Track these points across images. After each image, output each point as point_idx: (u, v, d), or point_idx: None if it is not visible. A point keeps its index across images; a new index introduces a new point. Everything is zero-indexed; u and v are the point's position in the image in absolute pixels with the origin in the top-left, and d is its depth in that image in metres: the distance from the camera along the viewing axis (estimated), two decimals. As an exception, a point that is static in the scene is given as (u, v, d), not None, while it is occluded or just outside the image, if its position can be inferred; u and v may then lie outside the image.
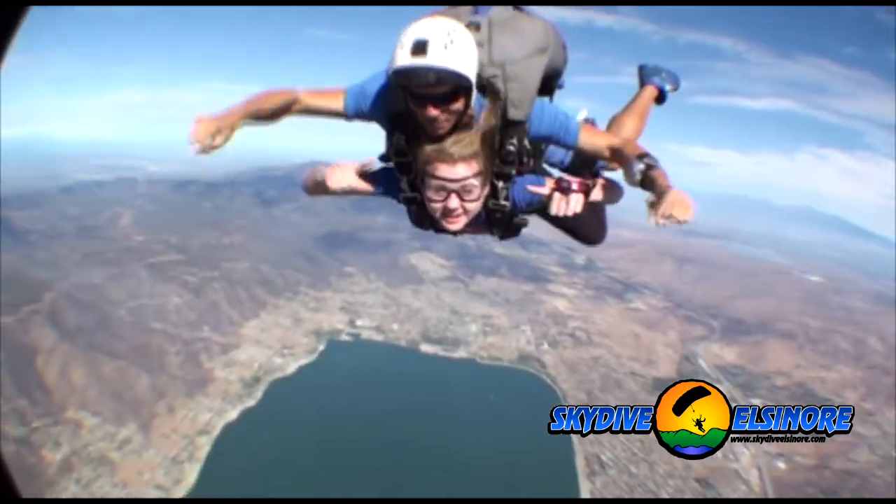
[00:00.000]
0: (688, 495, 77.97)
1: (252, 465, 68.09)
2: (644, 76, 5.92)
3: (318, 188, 4.72)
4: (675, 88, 5.95)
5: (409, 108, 3.89)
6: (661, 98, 5.89)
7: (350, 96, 4.25)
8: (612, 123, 5.48)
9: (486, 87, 4.02)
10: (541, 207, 4.55)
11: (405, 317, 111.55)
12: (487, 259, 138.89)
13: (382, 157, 4.49)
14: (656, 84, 5.85)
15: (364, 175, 4.60)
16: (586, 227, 5.40)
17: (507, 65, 4.02)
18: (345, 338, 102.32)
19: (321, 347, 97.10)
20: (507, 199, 4.37)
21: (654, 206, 3.73)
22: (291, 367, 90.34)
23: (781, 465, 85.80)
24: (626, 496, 75.94)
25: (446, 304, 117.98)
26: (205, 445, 71.35)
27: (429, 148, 3.95)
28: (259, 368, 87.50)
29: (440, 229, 4.65)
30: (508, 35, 4.14)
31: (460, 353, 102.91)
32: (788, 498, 76.58)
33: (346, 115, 4.29)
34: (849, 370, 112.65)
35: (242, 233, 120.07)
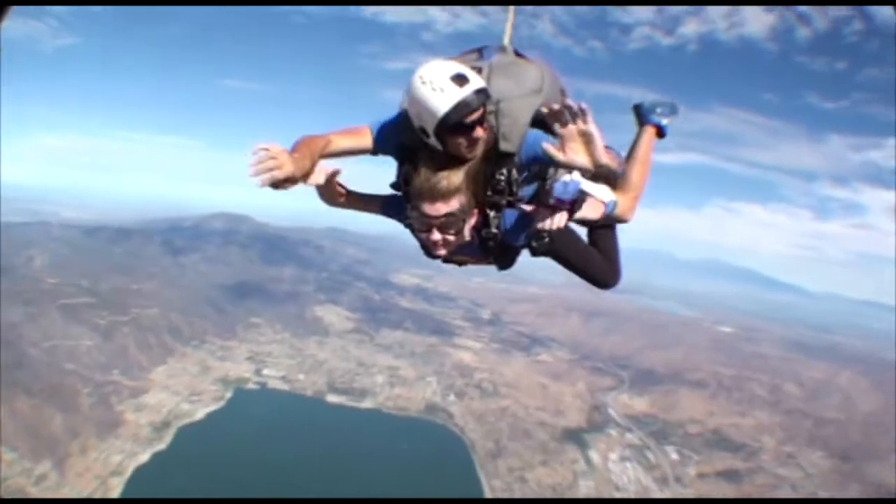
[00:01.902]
0: None
1: None
2: (641, 116, 5.97)
3: (329, 199, 5.04)
4: (675, 116, 6.01)
5: (439, 140, 4.30)
6: (661, 134, 5.94)
7: (376, 133, 4.61)
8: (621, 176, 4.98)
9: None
10: (536, 237, 4.97)
11: (311, 367, 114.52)
12: (392, 312, 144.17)
13: (393, 186, 4.93)
14: (654, 123, 5.90)
15: (375, 198, 5.12)
16: (596, 267, 5.74)
17: (502, 102, 4.40)
18: (251, 386, 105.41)
19: (228, 395, 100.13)
20: (497, 227, 4.72)
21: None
22: (200, 414, 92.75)
23: None
24: None
25: (352, 356, 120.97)
26: (117, 486, 73.09)
27: (417, 183, 4.35)
28: (168, 413, 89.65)
29: (447, 260, 5.11)
30: (505, 77, 4.61)
31: (367, 404, 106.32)
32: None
33: (373, 150, 4.65)
34: (765, 415, 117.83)
35: (152, 280, 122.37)
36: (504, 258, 5.19)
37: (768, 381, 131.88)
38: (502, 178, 4.53)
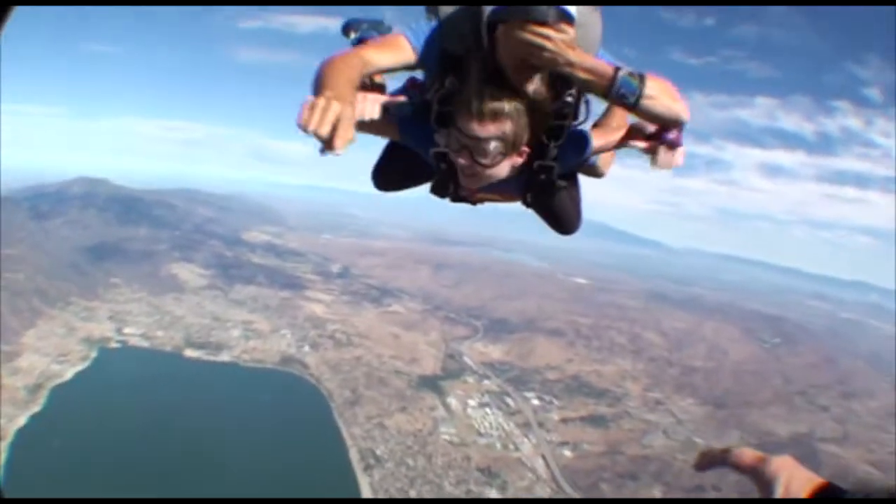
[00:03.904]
0: (471, 485, 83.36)
1: (47, 467, 72.76)
2: None
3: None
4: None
5: (492, 49, 3.93)
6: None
7: (415, 42, 4.22)
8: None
9: None
10: (587, 167, 5.02)
11: (169, 324, 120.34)
12: (245, 268, 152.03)
13: (419, 105, 4.55)
14: None
15: (390, 115, 4.50)
16: (570, 213, 5.44)
17: (576, 11, 3.68)
18: (114, 345, 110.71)
19: (93, 354, 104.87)
20: (555, 158, 4.36)
21: (655, 155, 4.42)
22: (68, 374, 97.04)
23: (568, 452, 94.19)
24: (407, 488, 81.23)
25: (207, 312, 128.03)
26: (2, 451, 76.10)
27: (467, 96, 3.91)
28: (40, 375, 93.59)
29: (460, 198, 4.95)
30: None
31: (224, 357, 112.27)
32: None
33: (416, 64, 4.29)
34: (627, 363, 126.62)
35: (20, 245, 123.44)
36: (546, 194, 4.79)
37: (628, 330, 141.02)
38: (570, 98, 4.21)
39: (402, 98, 4.69)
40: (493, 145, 4.02)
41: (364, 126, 4.03)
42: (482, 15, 4.00)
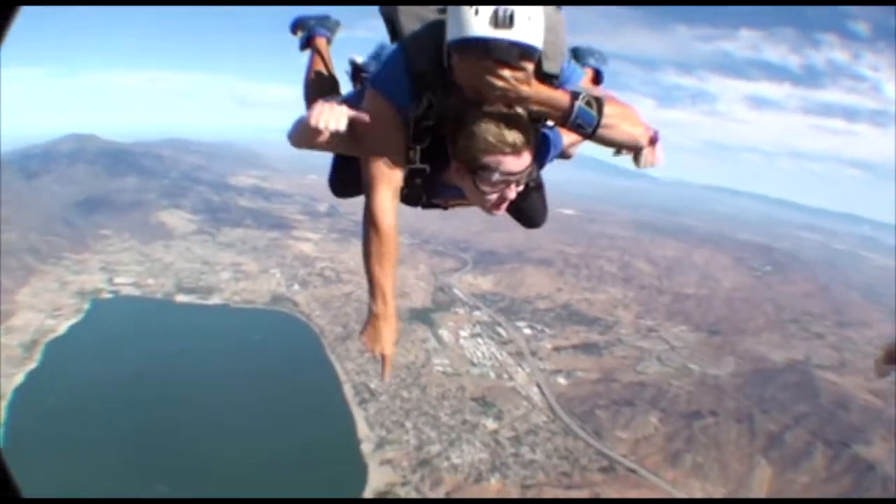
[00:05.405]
0: (467, 415, 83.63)
1: (45, 425, 73.28)
2: (580, 60, 5.60)
3: (306, 139, 3.99)
4: (606, 65, 5.84)
5: (457, 75, 3.64)
6: (598, 79, 5.74)
7: (390, 93, 3.92)
8: None
9: None
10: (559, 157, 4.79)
11: (159, 271, 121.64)
12: (232, 212, 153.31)
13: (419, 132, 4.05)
14: (593, 66, 5.75)
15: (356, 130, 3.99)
16: (538, 210, 5.24)
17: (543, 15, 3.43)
18: (106, 296, 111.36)
19: (86, 307, 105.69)
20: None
21: (638, 155, 4.18)
22: (63, 328, 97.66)
23: (562, 380, 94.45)
24: (402, 420, 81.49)
25: (197, 256, 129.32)
26: (1, 410, 76.14)
27: (486, 132, 3.63)
28: (35, 331, 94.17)
29: (431, 205, 4.73)
30: None
31: (214, 300, 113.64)
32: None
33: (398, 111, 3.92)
34: (618, 291, 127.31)
35: (9, 205, 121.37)
36: (516, 199, 4.13)
37: (618, 259, 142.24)
38: None
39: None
40: (530, 169, 3.89)
41: (316, 143, 3.97)
42: (445, 37, 3.69)
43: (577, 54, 5.73)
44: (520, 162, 3.74)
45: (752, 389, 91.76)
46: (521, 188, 3.94)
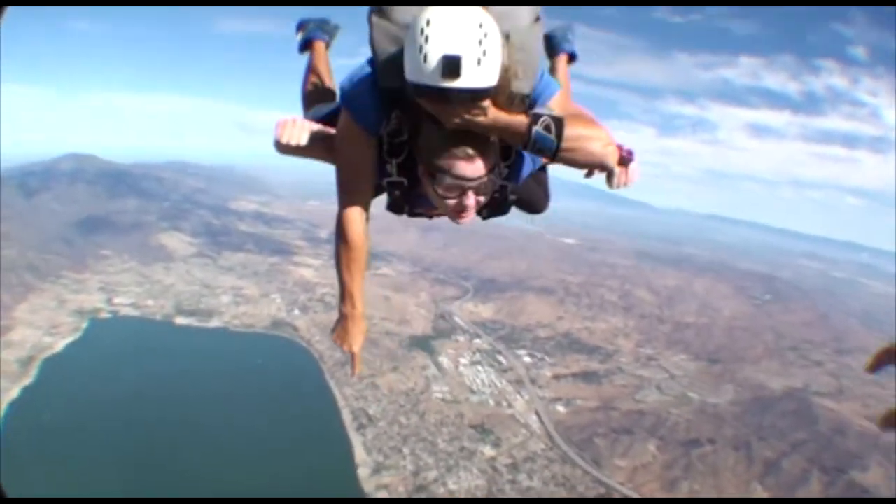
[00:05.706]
0: (465, 442, 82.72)
1: (39, 440, 73.22)
2: (555, 46, 5.80)
3: (279, 148, 4.14)
4: (574, 35, 5.92)
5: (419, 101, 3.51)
6: (572, 59, 5.87)
7: (363, 117, 3.91)
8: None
9: None
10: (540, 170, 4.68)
11: (159, 293, 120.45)
12: (233, 236, 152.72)
13: (393, 146, 4.06)
14: (567, 50, 5.82)
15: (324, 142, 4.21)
16: (540, 197, 5.38)
17: (512, 33, 3.44)
18: (105, 315, 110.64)
19: (84, 325, 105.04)
20: (507, 177, 4.18)
21: (610, 176, 4.18)
22: (60, 345, 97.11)
23: (561, 408, 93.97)
24: (400, 446, 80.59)
25: (197, 279, 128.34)
26: None
27: (441, 141, 3.66)
28: (32, 348, 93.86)
29: (416, 214, 4.66)
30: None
31: (214, 323, 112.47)
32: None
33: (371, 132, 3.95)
34: (619, 320, 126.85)
35: (9, 222, 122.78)
36: (500, 208, 4.44)
37: (619, 288, 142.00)
38: None
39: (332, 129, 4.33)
40: (489, 178, 3.83)
41: (297, 150, 4.14)
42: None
43: (553, 42, 5.84)
44: (473, 168, 3.73)
45: (750, 417, 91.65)
46: (482, 198, 3.94)
